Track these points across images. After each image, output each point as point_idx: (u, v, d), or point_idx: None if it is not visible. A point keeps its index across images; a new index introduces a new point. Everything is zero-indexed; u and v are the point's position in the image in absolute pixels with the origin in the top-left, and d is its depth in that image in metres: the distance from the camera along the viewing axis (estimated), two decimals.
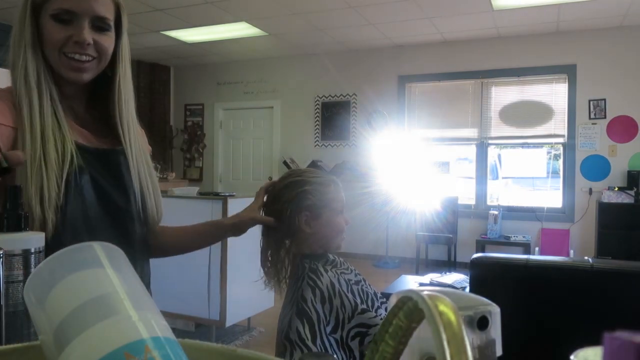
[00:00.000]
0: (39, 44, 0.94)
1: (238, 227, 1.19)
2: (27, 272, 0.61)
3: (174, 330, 0.40)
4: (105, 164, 1.01)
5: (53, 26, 0.92)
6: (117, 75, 1.03)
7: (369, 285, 1.24)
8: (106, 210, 1.00)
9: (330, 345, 1.10)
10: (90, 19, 0.94)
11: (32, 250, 0.62)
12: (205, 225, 1.23)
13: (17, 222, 0.64)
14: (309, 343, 1.06)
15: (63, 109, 0.97)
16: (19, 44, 0.93)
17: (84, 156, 0.96)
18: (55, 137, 0.93)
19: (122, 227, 1.03)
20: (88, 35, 0.93)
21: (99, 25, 0.96)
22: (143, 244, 1.10)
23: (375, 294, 1.23)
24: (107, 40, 0.98)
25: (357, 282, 1.21)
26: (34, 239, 0.63)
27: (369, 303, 1.18)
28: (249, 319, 3.62)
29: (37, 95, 0.92)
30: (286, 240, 1.23)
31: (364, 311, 1.13)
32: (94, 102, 1.07)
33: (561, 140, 5.71)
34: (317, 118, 6.83)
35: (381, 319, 1.13)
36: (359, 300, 1.15)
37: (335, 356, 1.09)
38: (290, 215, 1.19)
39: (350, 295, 1.14)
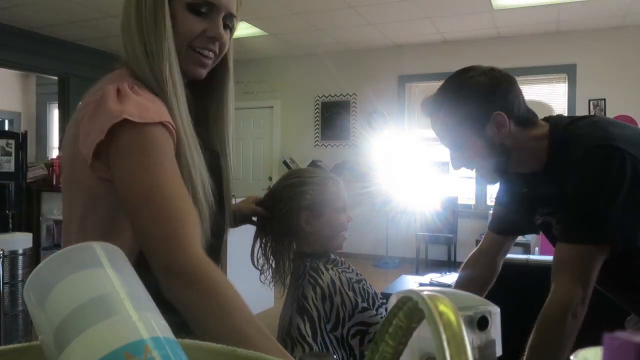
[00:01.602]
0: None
1: (235, 216, 1.20)
2: (14, 273, 0.60)
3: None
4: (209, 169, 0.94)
5: (188, 17, 0.86)
6: (229, 74, 0.99)
7: (370, 285, 1.24)
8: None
9: (331, 342, 1.11)
10: (224, 15, 0.90)
11: (20, 252, 0.61)
12: None
13: (3, 223, 0.62)
14: (310, 340, 1.07)
15: None
16: (154, 32, 0.83)
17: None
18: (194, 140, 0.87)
19: (219, 239, 0.99)
20: (223, 31, 0.90)
21: (227, 22, 0.92)
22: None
23: (375, 294, 1.23)
24: (228, 38, 0.94)
25: (359, 281, 1.21)
26: (21, 240, 0.62)
27: (370, 302, 1.18)
28: None
29: (181, 91, 0.86)
30: (285, 240, 1.23)
31: (364, 309, 1.13)
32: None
33: None
34: (317, 118, 6.83)
35: (381, 317, 1.14)
36: (359, 299, 1.15)
37: (335, 355, 1.09)
38: (291, 215, 1.19)
39: (351, 294, 1.15)
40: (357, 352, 1.11)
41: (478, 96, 1.15)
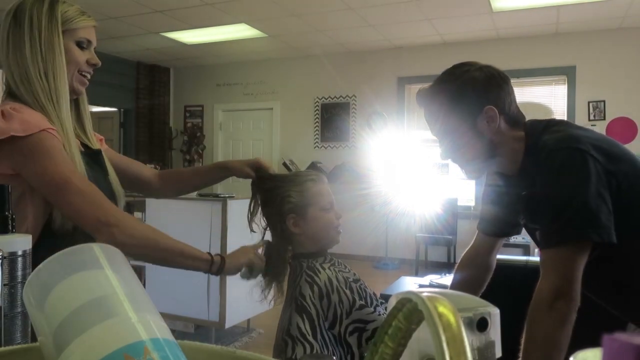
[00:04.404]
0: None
1: (231, 170, 1.37)
2: (13, 275, 0.60)
3: (173, 331, 0.40)
4: (96, 162, 1.22)
5: (77, 50, 1.16)
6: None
7: (367, 286, 1.25)
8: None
9: (329, 340, 1.11)
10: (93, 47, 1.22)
11: (20, 253, 0.61)
12: (210, 167, 1.47)
13: (3, 224, 0.62)
14: (310, 338, 1.07)
15: None
16: (53, 61, 1.11)
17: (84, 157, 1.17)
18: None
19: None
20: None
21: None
22: None
23: (373, 294, 1.23)
24: None
25: (356, 281, 1.22)
26: (21, 242, 0.62)
27: (368, 300, 1.19)
28: (248, 320, 3.62)
29: (67, 103, 1.14)
30: (280, 244, 1.25)
31: (361, 307, 1.14)
32: None
33: None
34: (317, 119, 6.83)
35: (379, 315, 1.15)
36: (357, 297, 1.16)
37: (334, 356, 1.09)
38: (278, 220, 1.22)
39: (348, 292, 1.16)
40: (355, 350, 1.12)
41: (473, 88, 1.19)
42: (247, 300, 1.31)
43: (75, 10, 1.17)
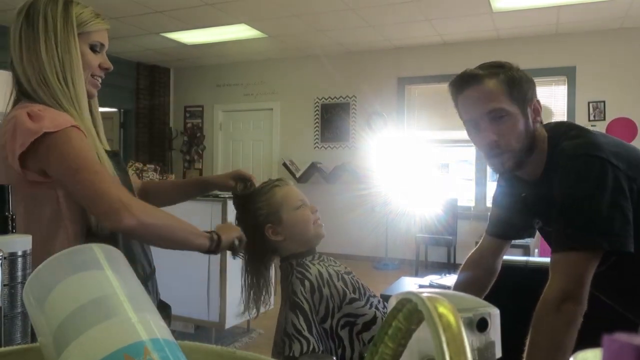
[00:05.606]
0: None
1: (212, 185, 1.40)
2: (13, 275, 0.60)
3: (173, 332, 0.40)
4: (117, 162, 1.22)
5: (90, 54, 1.14)
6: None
7: (359, 278, 1.26)
8: None
9: (321, 335, 1.12)
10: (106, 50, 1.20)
11: (20, 253, 0.61)
12: (189, 182, 1.52)
13: (2, 224, 0.62)
14: (306, 333, 1.08)
15: None
16: (70, 64, 1.10)
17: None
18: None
19: None
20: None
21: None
22: None
23: (366, 287, 1.24)
24: None
25: (348, 273, 1.23)
26: (21, 242, 0.62)
27: (361, 291, 1.20)
28: (248, 320, 3.62)
29: (86, 104, 1.14)
30: (264, 256, 1.28)
31: (352, 300, 1.15)
32: None
33: None
34: (317, 120, 6.83)
35: (371, 307, 1.15)
36: (350, 289, 1.17)
37: (322, 346, 1.10)
38: (256, 234, 1.24)
39: (340, 284, 1.17)
40: (347, 344, 1.13)
41: (527, 79, 1.21)
42: None
43: (90, 13, 1.14)
